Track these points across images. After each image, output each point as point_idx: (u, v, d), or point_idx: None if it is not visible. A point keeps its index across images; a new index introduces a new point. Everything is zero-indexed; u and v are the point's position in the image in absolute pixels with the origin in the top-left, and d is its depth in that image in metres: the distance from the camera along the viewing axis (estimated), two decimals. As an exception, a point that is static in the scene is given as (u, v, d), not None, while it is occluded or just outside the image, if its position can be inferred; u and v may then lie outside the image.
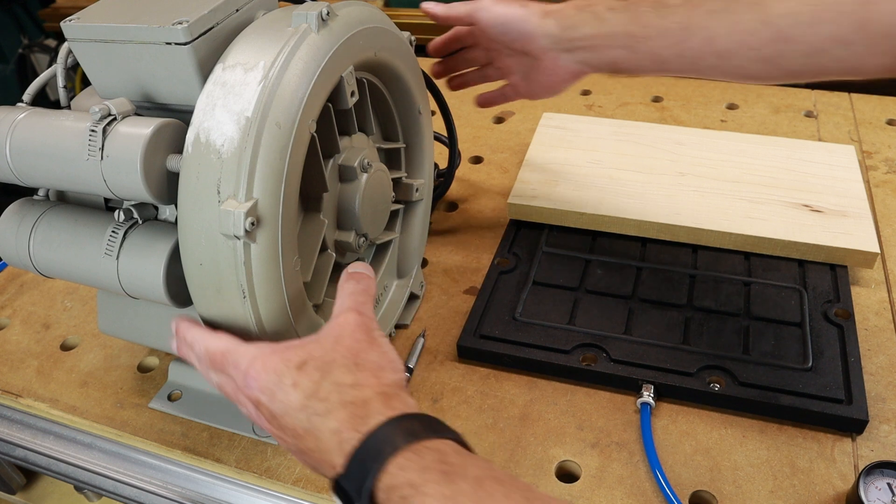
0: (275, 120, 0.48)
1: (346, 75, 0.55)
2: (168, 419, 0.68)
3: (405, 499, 0.36)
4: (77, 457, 0.70)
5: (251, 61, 0.49)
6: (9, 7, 2.11)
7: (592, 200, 0.82)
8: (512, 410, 0.66)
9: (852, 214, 0.78)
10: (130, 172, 0.50)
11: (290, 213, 0.50)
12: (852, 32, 0.50)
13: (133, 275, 0.55)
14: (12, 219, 0.60)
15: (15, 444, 0.72)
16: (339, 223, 0.62)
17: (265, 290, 0.50)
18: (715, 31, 0.57)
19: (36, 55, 2.11)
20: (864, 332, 0.70)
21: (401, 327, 0.76)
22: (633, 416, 0.65)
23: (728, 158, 0.87)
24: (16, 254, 0.59)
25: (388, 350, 0.47)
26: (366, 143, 0.65)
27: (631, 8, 0.62)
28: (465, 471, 0.37)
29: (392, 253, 0.75)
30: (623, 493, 0.59)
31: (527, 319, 0.72)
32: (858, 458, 0.60)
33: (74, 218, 0.58)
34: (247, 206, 0.47)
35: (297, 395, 0.43)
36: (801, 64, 0.55)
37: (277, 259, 0.50)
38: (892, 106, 1.04)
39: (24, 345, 0.79)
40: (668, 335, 0.69)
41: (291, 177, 0.49)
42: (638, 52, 0.62)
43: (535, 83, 0.73)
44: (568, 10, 0.66)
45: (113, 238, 0.56)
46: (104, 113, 0.51)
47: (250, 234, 0.47)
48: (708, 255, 0.78)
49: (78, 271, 0.58)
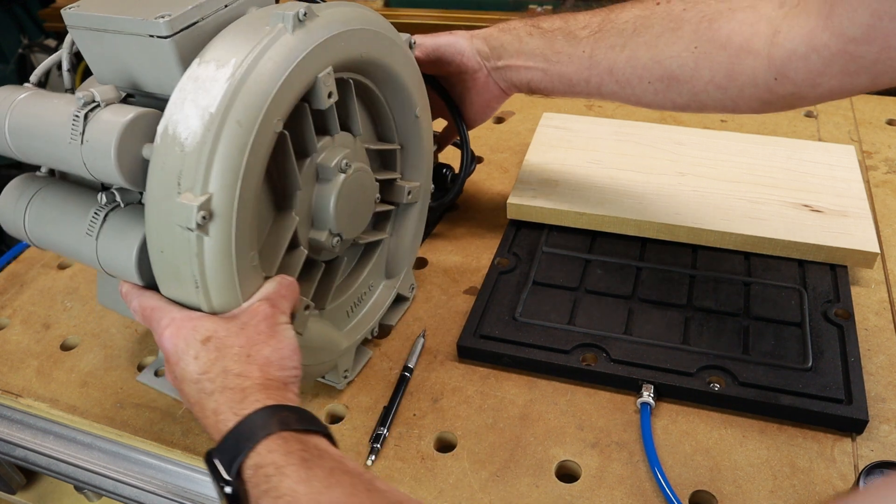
0: (236, 118, 0.49)
1: (324, 76, 0.55)
2: (168, 419, 0.68)
3: (268, 477, 0.41)
4: (77, 457, 0.70)
5: (224, 58, 0.50)
6: (9, 7, 2.11)
7: (592, 200, 0.82)
8: (512, 410, 0.66)
9: (852, 214, 0.78)
10: (105, 158, 0.52)
11: (247, 208, 0.51)
12: (724, 80, 0.60)
13: (109, 255, 0.57)
14: (13, 192, 0.63)
15: (15, 444, 0.73)
16: (314, 222, 0.63)
17: (217, 282, 0.51)
18: (615, 62, 0.65)
19: (36, 55, 2.11)
20: (864, 332, 0.70)
21: (386, 328, 0.76)
22: (633, 416, 0.65)
23: (728, 158, 0.87)
24: (14, 225, 0.63)
25: (285, 346, 0.51)
26: (351, 142, 0.64)
27: (547, 34, 0.69)
28: (322, 461, 0.42)
29: (381, 253, 0.74)
30: (623, 493, 0.59)
31: (527, 319, 0.72)
32: (858, 458, 0.60)
33: (66, 196, 0.61)
34: (200, 200, 0.48)
35: (193, 368, 0.49)
36: (687, 99, 0.64)
37: (230, 253, 0.51)
38: (892, 106, 1.04)
39: (24, 345, 0.79)
40: (668, 335, 0.69)
41: (250, 174, 0.50)
42: (550, 74, 0.70)
43: (470, 106, 0.79)
44: (493, 31, 0.73)
45: (94, 219, 0.58)
46: (87, 99, 0.53)
47: (202, 228, 0.49)
48: (708, 255, 0.78)
49: (64, 247, 0.60)
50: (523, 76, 0.73)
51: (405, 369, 0.70)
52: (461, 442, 0.64)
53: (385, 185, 0.72)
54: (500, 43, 0.73)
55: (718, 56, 0.60)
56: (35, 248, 0.92)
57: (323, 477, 0.41)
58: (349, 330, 0.70)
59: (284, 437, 0.43)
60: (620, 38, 0.65)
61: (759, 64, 0.58)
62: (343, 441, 0.65)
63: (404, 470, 0.62)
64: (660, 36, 0.63)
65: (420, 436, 0.65)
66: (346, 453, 0.63)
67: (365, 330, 0.72)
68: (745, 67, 0.59)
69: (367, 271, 0.73)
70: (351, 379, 0.71)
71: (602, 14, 0.68)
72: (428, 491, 0.60)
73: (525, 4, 1.57)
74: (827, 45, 0.53)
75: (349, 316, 0.71)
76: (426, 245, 0.86)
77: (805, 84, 0.56)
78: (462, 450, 0.63)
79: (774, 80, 0.58)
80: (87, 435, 0.70)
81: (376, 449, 0.63)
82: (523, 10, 1.56)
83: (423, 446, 0.64)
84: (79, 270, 0.88)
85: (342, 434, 0.66)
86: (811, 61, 0.55)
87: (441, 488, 0.61)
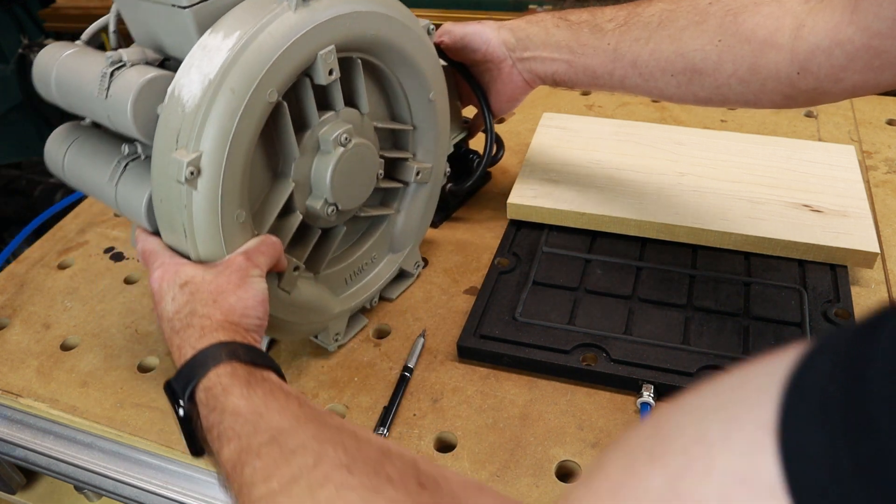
0: (230, 85, 0.53)
1: (324, 54, 0.58)
2: (168, 419, 0.68)
3: (216, 397, 0.47)
4: (77, 457, 0.70)
5: (231, 30, 0.55)
6: (9, 7, 2.11)
7: (592, 200, 0.82)
8: (512, 410, 0.66)
9: (852, 214, 0.78)
10: (123, 113, 0.57)
11: (236, 169, 0.56)
12: (747, 74, 0.61)
13: (125, 201, 0.63)
14: (59, 136, 0.70)
15: (15, 444, 0.73)
16: (312, 190, 0.66)
17: (203, 234, 0.56)
18: (639, 55, 0.66)
19: (36, 55, 2.11)
20: (864, 332, 0.70)
21: (385, 300, 0.79)
22: (633, 416, 0.65)
23: (728, 158, 0.87)
24: (56, 165, 0.69)
25: (251, 297, 0.55)
26: (357, 119, 0.67)
27: (573, 27, 0.70)
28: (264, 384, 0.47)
29: (387, 228, 0.77)
30: (623, 493, 0.59)
31: (527, 319, 0.72)
32: (858, 458, 0.60)
33: (98, 145, 0.67)
34: (191, 157, 0.53)
35: (170, 308, 0.54)
36: (710, 93, 0.64)
37: (216, 208, 0.56)
38: (892, 106, 1.04)
39: (24, 345, 0.79)
40: (668, 335, 0.69)
41: (240, 138, 0.55)
42: (575, 66, 0.71)
43: (496, 95, 0.80)
44: (521, 23, 0.75)
45: (117, 167, 0.64)
46: (115, 59, 0.59)
47: (191, 182, 0.54)
48: (708, 255, 0.78)
49: (91, 189, 0.68)
50: (548, 68, 0.74)
51: (405, 369, 0.70)
52: (461, 442, 0.64)
53: (395, 163, 0.75)
54: (527, 34, 0.74)
55: (742, 49, 0.60)
56: (35, 248, 0.93)
57: (262, 394, 0.46)
58: (346, 297, 0.73)
59: (234, 366, 0.48)
60: (645, 31, 0.66)
61: (783, 58, 0.58)
62: (343, 441, 0.65)
63: (404, 470, 0.62)
64: (684, 29, 0.63)
65: (420, 436, 0.65)
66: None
67: (362, 298, 0.75)
68: (768, 61, 0.59)
69: (371, 244, 0.76)
70: (342, 343, 0.74)
71: (629, 7, 0.69)
72: (428, 491, 0.60)
73: (525, 4, 1.57)
74: (851, 40, 0.53)
75: (347, 283, 0.75)
76: (427, 245, 0.86)
77: (828, 79, 0.56)
78: (462, 450, 0.63)
79: (797, 75, 0.58)
80: (87, 435, 0.70)
81: (376, 449, 0.63)
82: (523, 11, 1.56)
83: (423, 446, 0.64)
84: (79, 270, 0.88)
85: (342, 434, 0.66)
86: (835, 56, 0.55)
87: (441, 488, 0.61)
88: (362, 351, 0.74)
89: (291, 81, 0.58)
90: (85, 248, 0.92)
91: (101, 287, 0.85)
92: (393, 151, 0.74)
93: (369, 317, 0.78)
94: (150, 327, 0.79)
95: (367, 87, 0.67)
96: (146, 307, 0.82)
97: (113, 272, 0.88)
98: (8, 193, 1.98)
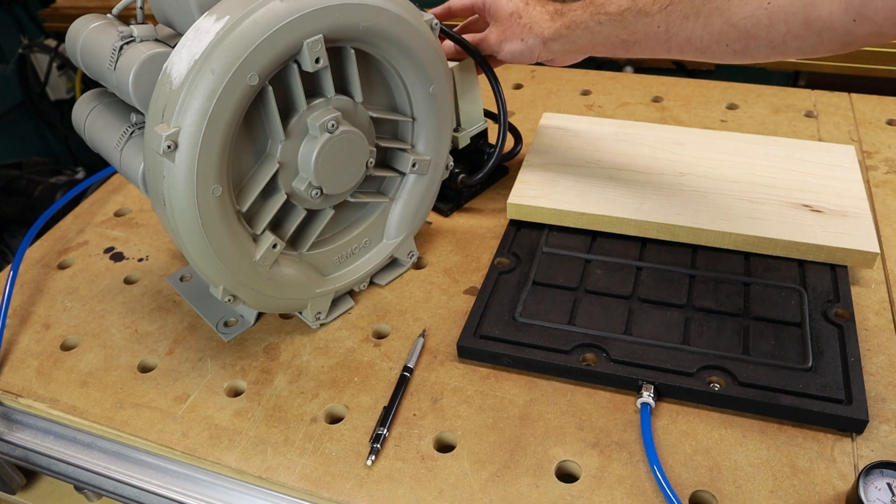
0: (211, 67, 0.56)
1: (311, 42, 0.60)
2: (168, 419, 0.68)
3: None
4: (77, 457, 0.70)
5: (223, 14, 0.58)
6: (9, 7, 2.11)
7: (592, 200, 0.82)
8: (512, 410, 0.66)
9: (852, 214, 0.78)
10: (126, 84, 0.62)
11: (213, 145, 0.58)
12: (801, 29, 0.60)
13: (127, 166, 0.68)
14: (85, 100, 0.75)
15: (15, 444, 0.73)
16: (298, 172, 0.68)
17: (178, 204, 0.60)
18: (692, 32, 0.66)
19: (36, 55, 2.11)
20: (864, 332, 0.70)
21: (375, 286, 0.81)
22: (633, 416, 0.65)
23: (728, 158, 0.87)
24: (79, 126, 0.75)
25: None
26: (350, 107, 0.69)
27: (616, 18, 0.70)
28: None
29: (380, 215, 0.79)
30: (623, 493, 0.59)
31: (527, 319, 0.72)
32: (858, 458, 0.60)
33: (115, 112, 0.72)
34: (169, 132, 0.57)
35: None
36: (767, 54, 0.64)
37: (192, 180, 0.59)
38: (892, 106, 1.04)
39: (24, 345, 0.79)
40: (668, 335, 0.69)
41: (218, 117, 0.58)
42: (631, 51, 0.73)
43: None
44: (562, 30, 0.75)
45: (123, 135, 0.69)
46: (126, 34, 0.64)
47: (168, 155, 0.57)
48: (708, 255, 0.78)
49: (103, 152, 0.73)
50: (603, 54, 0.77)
51: (405, 369, 0.70)
52: (461, 442, 0.64)
53: (393, 152, 0.77)
54: (572, 41, 0.75)
55: (792, 7, 0.59)
56: (35, 248, 0.93)
57: None
58: (332, 278, 0.76)
59: None
60: (692, 6, 0.66)
61: (836, 7, 0.57)
62: (343, 441, 0.65)
63: (404, 470, 0.62)
64: None
65: (420, 436, 0.65)
66: (345, 453, 0.64)
67: (348, 281, 0.77)
68: (822, 13, 0.58)
69: (363, 229, 0.78)
70: (324, 322, 0.76)
71: None
72: (428, 491, 0.60)
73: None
74: None
75: (335, 265, 0.77)
76: (427, 245, 0.86)
77: (887, 23, 0.55)
78: (462, 450, 0.64)
79: (853, 22, 0.57)
80: (87, 435, 0.71)
81: (376, 449, 0.63)
82: None
83: (423, 446, 0.64)
84: (79, 270, 0.89)
85: (342, 434, 0.66)
86: None
87: (441, 488, 0.61)
88: (362, 351, 0.74)
89: (277, 67, 0.60)
90: (85, 248, 0.92)
91: (101, 287, 0.85)
92: (392, 141, 0.76)
93: (367, 314, 0.78)
94: (150, 327, 0.79)
95: (366, 78, 0.69)
96: (146, 307, 0.82)
97: (113, 272, 0.88)
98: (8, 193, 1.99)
